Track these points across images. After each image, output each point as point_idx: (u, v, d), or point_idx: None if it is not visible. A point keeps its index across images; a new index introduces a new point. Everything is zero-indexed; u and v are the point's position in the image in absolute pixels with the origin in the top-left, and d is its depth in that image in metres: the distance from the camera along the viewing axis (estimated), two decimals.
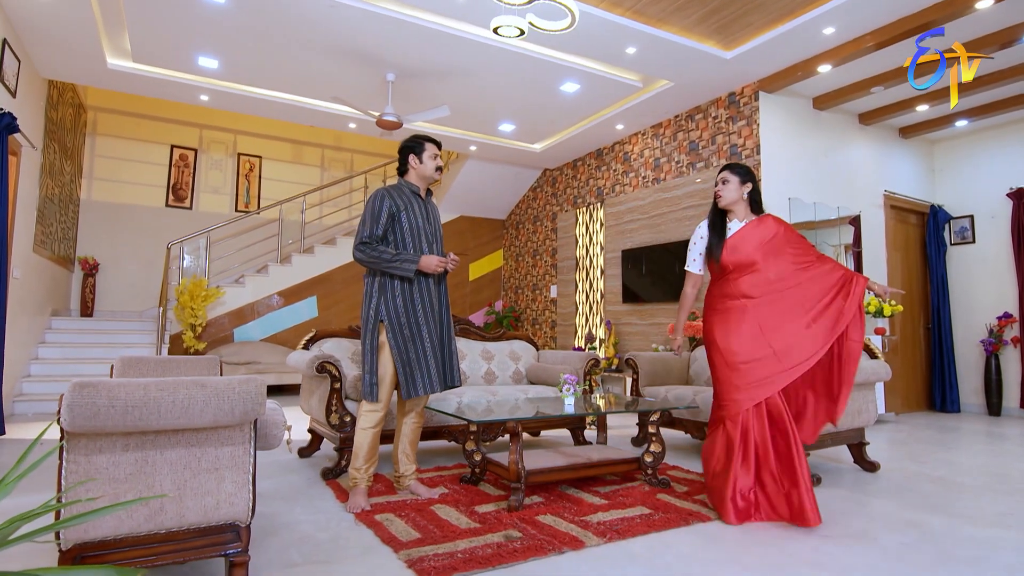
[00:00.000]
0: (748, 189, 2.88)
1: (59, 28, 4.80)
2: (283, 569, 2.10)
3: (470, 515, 2.66)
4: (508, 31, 3.39)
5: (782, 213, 5.61)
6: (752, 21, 4.72)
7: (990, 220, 6.57)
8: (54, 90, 6.29)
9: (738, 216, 2.90)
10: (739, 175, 2.88)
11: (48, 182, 6.26)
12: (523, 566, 2.14)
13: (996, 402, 6.27)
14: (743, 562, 2.20)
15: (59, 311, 7.21)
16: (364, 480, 2.84)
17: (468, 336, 4.59)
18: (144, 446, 1.61)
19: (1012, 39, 4.54)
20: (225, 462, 1.68)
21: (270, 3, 4.41)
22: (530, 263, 9.17)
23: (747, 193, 2.88)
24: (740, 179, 2.87)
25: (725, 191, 2.88)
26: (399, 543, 2.32)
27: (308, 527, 2.55)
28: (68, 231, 7.45)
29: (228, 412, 1.59)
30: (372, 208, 2.88)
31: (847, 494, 3.14)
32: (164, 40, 5.03)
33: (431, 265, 2.84)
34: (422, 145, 3.02)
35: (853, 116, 6.31)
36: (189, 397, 1.55)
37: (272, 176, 9.41)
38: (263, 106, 6.43)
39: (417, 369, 2.86)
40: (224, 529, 1.72)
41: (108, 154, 8.28)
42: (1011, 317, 6.26)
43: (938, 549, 2.35)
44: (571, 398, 3.20)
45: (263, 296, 8.04)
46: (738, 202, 2.88)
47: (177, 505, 1.62)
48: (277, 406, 1.94)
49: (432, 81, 5.73)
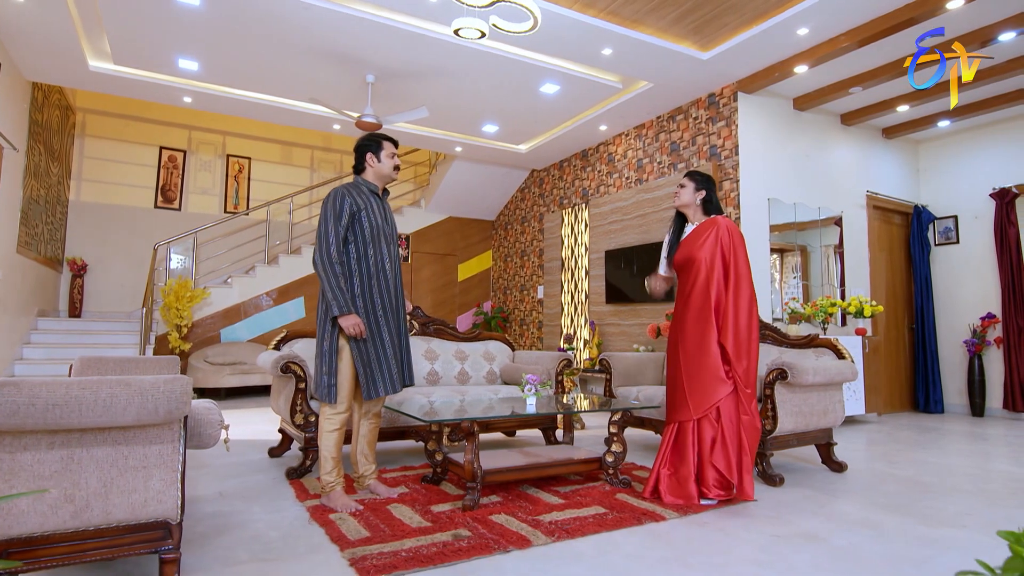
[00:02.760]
0: (702, 196, 3.09)
1: (39, 31, 4.83)
2: (226, 567, 2.11)
3: (424, 514, 2.67)
4: (469, 32, 3.40)
5: (761, 214, 5.61)
6: (727, 22, 4.72)
7: (974, 220, 6.56)
8: (39, 92, 6.32)
9: (692, 219, 3.11)
10: (695, 182, 3.11)
11: (33, 183, 6.30)
12: (465, 564, 2.15)
13: (979, 403, 6.25)
14: (688, 561, 2.20)
15: (47, 312, 7.24)
16: (340, 483, 2.84)
17: (442, 336, 4.60)
18: (70, 444, 1.62)
19: (987, 39, 4.54)
20: (153, 460, 1.69)
21: (244, 5, 4.43)
22: (518, 264, 9.18)
23: (700, 200, 3.09)
24: (696, 185, 3.10)
25: (681, 194, 3.14)
26: (347, 542, 2.33)
27: (262, 526, 2.57)
28: (55, 232, 7.49)
29: (152, 411, 1.60)
30: (334, 207, 2.83)
31: (809, 494, 3.14)
32: (143, 42, 5.05)
33: (348, 323, 2.73)
34: (380, 143, 3.00)
35: (835, 117, 6.31)
36: (112, 396, 1.57)
37: (261, 177, 9.43)
38: (247, 107, 6.46)
39: (378, 370, 2.86)
40: (154, 527, 1.73)
41: (97, 156, 8.32)
42: (994, 318, 6.25)
43: (887, 549, 2.35)
44: (533, 398, 3.21)
45: (250, 297, 8.06)
46: (690, 206, 3.11)
47: (103, 502, 1.64)
48: (213, 405, 1.95)
49: (412, 82, 5.75)
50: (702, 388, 2.87)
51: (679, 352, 2.98)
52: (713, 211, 3.06)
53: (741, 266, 2.92)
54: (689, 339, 2.95)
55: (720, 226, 2.98)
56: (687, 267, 3.01)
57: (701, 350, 2.90)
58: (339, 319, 2.74)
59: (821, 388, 3.54)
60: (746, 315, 2.89)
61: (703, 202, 3.07)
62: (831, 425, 3.64)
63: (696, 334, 2.92)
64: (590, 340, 7.03)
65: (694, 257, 2.97)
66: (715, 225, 2.99)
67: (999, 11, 4.30)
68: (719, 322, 2.89)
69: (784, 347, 3.99)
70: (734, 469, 2.84)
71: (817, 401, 3.52)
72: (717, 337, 2.87)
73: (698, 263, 2.97)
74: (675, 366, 2.99)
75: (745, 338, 2.88)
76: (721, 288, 2.91)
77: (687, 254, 3.02)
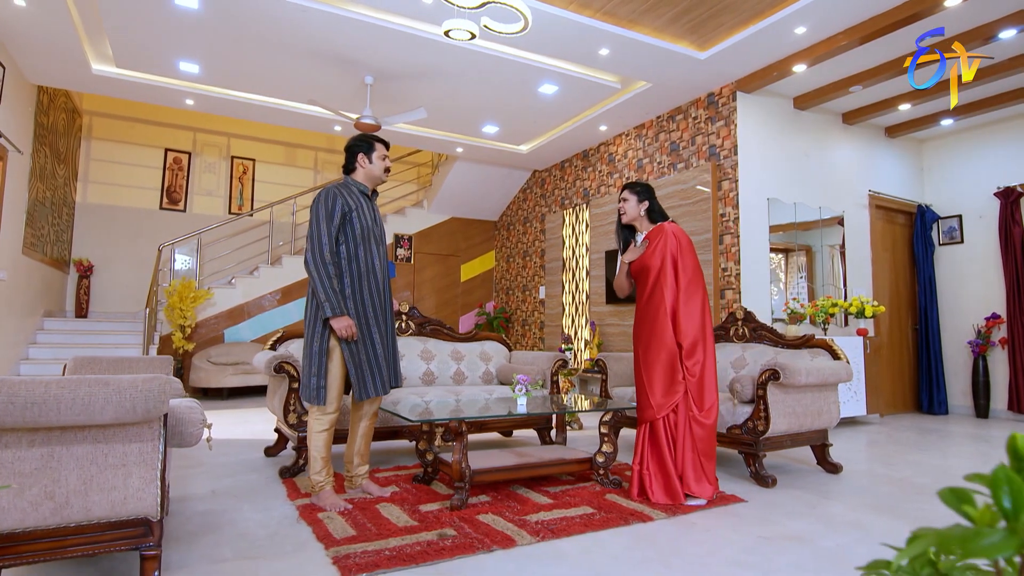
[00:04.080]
0: (645, 206, 3.18)
1: (41, 34, 4.90)
2: (211, 564, 2.14)
3: (412, 514, 2.68)
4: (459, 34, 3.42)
5: (761, 214, 5.59)
6: (724, 21, 4.71)
7: (978, 220, 6.49)
8: (44, 95, 6.40)
9: (640, 229, 3.22)
10: (636, 194, 3.19)
11: (39, 185, 6.38)
12: (447, 564, 2.16)
13: (984, 404, 6.18)
14: (670, 562, 2.20)
15: (53, 312, 7.33)
16: (330, 482, 2.86)
17: (438, 336, 4.62)
18: (51, 442, 1.65)
19: (988, 36, 4.50)
20: (132, 458, 1.71)
21: (241, 8, 4.47)
22: (520, 264, 9.18)
23: (644, 210, 3.18)
24: (638, 198, 3.18)
25: (626, 208, 3.20)
26: (332, 540, 2.35)
27: (250, 524, 2.59)
28: (62, 234, 7.58)
29: (130, 409, 1.63)
30: (325, 207, 2.82)
31: (801, 495, 3.13)
32: (143, 45, 5.11)
33: (340, 325, 2.74)
34: (372, 145, 3.01)
35: (836, 116, 6.27)
36: (90, 395, 1.59)
37: (265, 179, 9.51)
38: (248, 109, 6.52)
39: (368, 371, 2.87)
40: (134, 524, 1.75)
41: (103, 157, 8.41)
42: (999, 318, 6.18)
43: (872, 551, 2.33)
44: (523, 398, 3.21)
45: (254, 298, 8.12)
46: (637, 218, 3.20)
47: (83, 499, 1.66)
48: (195, 404, 1.97)
49: (410, 83, 5.78)
50: (662, 389, 2.96)
51: (639, 355, 3.08)
52: (658, 218, 3.19)
53: (690, 269, 3.05)
54: (647, 342, 3.04)
55: (667, 233, 3.09)
56: (642, 275, 3.14)
57: (658, 353, 2.99)
58: (331, 321, 2.74)
59: (815, 389, 3.52)
60: (699, 315, 3.02)
61: (648, 211, 3.18)
62: (826, 426, 3.62)
63: (653, 338, 3.01)
64: (591, 340, 7.02)
65: (646, 265, 3.10)
66: (662, 233, 3.10)
67: (999, 8, 4.26)
68: (674, 324, 3.00)
69: (779, 347, 3.97)
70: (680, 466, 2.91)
71: (811, 402, 3.50)
72: (674, 338, 2.98)
73: (648, 271, 3.09)
74: (638, 368, 3.08)
75: (699, 337, 2.99)
76: (673, 292, 3.03)
77: (640, 263, 3.14)
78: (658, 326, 3.01)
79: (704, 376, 2.98)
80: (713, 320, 5.46)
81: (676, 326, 3.00)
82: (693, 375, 2.97)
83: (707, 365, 2.99)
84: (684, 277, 3.04)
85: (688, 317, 3.00)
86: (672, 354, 2.97)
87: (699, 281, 3.08)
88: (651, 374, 3.00)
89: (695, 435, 2.94)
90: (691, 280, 3.05)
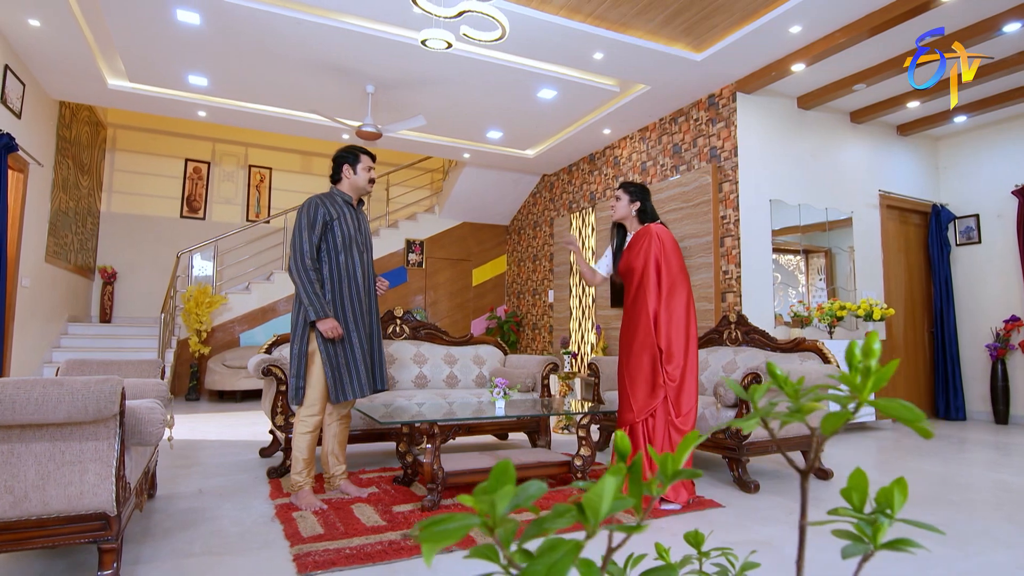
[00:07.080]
0: (636, 207, 3.16)
1: (57, 52, 5.14)
2: (177, 559, 2.22)
3: (383, 514, 2.73)
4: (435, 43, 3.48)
5: (762, 215, 5.51)
6: (717, 23, 4.67)
7: (996, 219, 6.28)
8: (67, 110, 6.70)
9: (630, 229, 3.21)
10: (629, 194, 3.18)
11: (61, 196, 6.67)
12: (403, 563, 2.20)
13: (1003, 410, 5.97)
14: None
15: (79, 317, 7.64)
16: (309, 483, 2.94)
17: (432, 340, 4.68)
18: (10, 439, 1.75)
19: (991, 30, 4.37)
20: (88, 455, 1.80)
21: (240, 22, 4.62)
22: (531, 268, 9.21)
23: (635, 211, 3.17)
24: (630, 198, 3.17)
25: (617, 207, 3.20)
26: (299, 538, 2.41)
27: (226, 522, 2.68)
28: (87, 242, 7.90)
29: (82, 409, 1.72)
30: (308, 216, 2.96)
31: (781, 501, 3.08)
32: (153, 60, 5.31)
33: (326, 327, 2.84)
34: (357, 157, 3.11)
35: (844, 115, 6.15)
36: (43, 395, 1.68)
37: (282, 187, 9.74)
38: (258, 120, 6.70)
39: (346, 374, 2.95)
40: (92, 518, 1.84)
41: (126, 168, 8.75)
42: (1018, 320, 5.96)
43: (835, 559, 2.29)
44: (501, 401, 3.24)
45: (269, 302, 8.33)
46: (627, 217, 3.19)
47: (41, 493, 1.76)
48: (157, 404, 2.06)
49: (410, 91, 5.87)
50: (643, 392, 2.93)
51: (622, 358, 3.06)
52: (648, 220, 3.16)
53: (675, 272, 3.00)
54: (629, 345, 3.02)
55: (652, 235, 3.06)
56: (628, 276, 3.13)
57: (640, 356, 2.96)
58: (317, 323, 2.85)
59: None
60: (682, 319, 2.96)
61: (638, 212, 3.17)
62: None
63: (635, 340, 2.99)
64: (596, 343, 7.01)
65: (632, 267, 3.08)
66: (648, 235, 3.07)
67: (1000, 2, 4.13)
68: (656, 326, 2.95)
69: (769, 351, 3.92)
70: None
71: None
72: (656, 342, 2.94)
73: (633, 272, 3.08)
74: (621, 371, 3.06)
75: (681, 341, 2.94)
76: (656, 295, 2.99)
77: (626, 264, 3.13)
78: (640, 329, 2.99)
79: (684, 381, 2.94)
80: (713, 323, 5.41)
81: (657, 329, 2.96)
82: (672, 379, 2.94)
83: (688, 370, 2.95)
84: (668, 279, 3.00)
85: (670, 320, 2.96)
86: (654, 357, 2.95)
87: (683, 283, 3.03)
88: (633, 377, 2.98)
89: (673, 440, 2.93)
90: (675, 283, 3.01)
